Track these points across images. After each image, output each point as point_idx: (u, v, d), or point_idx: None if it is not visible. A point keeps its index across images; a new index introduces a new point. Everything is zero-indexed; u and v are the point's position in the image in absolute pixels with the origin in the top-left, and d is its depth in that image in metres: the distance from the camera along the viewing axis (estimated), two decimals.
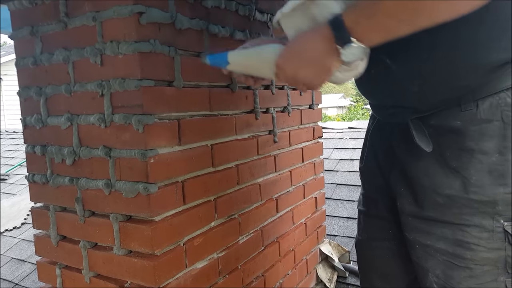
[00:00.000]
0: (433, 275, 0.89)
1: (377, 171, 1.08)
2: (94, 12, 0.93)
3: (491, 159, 0.78)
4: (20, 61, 1.11)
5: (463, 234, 0.83)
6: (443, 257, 0.87)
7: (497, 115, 0.77)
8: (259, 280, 1.35)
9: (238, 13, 1.25)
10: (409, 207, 0.92)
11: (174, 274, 0.99)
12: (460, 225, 0.83)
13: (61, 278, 1.10)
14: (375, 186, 1.10)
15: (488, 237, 0.81)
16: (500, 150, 0.78)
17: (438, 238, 0.87)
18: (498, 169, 0.78)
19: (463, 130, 0.80)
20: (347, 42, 0.69)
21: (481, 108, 0.78)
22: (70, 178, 1.04)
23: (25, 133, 1.14)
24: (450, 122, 0.82)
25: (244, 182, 1.28)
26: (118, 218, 0.96)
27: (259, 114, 1.35)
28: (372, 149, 1.11)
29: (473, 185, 0.80)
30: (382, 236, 1.10)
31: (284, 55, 0.80)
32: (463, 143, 0.80)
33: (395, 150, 0.97)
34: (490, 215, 0.80)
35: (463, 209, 0.82)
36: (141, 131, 0.90)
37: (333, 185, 2.59)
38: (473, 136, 0.79)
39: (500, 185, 0.78)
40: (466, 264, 0.84)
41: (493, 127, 0.78)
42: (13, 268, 2.65)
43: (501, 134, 0.77)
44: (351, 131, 3.47)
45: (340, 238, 2.12)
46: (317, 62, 0.75)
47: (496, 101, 0.77)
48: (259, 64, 0.89)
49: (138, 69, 0.89)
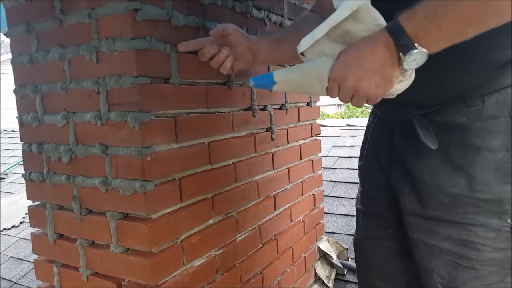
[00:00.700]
0: (437, 276, 0.88)
1: (378, 169, 1.06)
2: (90, 9, 0.93)
3: (497, 156, 0.76)
4: (15, 59, 1.10)
5: (468, 234, 0.81)
6: (448, 257, 0.85)
7: (504, 111, 0.76)
8: (257, 278, 1.35)
9: (235, 10, 1.24)
10: (413, 206, 0.90)
11: (172, 272, 0.98)
12: (465, 225, 0.81)
13: (59, 276, 1.09)
14: (375, 184, 1.09)
15: (494, 237, 0.79)
16: (507, 147, 0.76)
17: (443, 238, 0.85)
18: (505, 167, 0.76)
19: (468, 126, 0.78)
20: (410, 49, 0.65)
21: (488, 104, 0.77)
22: (67, 176, 1.04)
23: (22, 131, 1.14)
24: (455, 119, 0.80)
25: (241, 180, 1.27)
26: (115, 216, 0.96)
27: (257, 111, 1.35)
28: (372, 147, 1.09)
29: (479, 183, 0.78)
30: (381, 235, 1.09)
31: (341, 67, 0.74)
32: (469, 140, 0.79)
33: (397, 148, 0.96)
34: (496, 214, 0.78)
35: (468, 208, 0.80)
36: (137, 128, 0.90)
37: (331, 183, 2.60)
38: (479, 132, 0.77)
39: (507, 183, 0.76)
40: (472, 264, 0.82)
41: (500, 124, 0.76)
42: (12, 267, 2.65)
43: (508, 131, 0.75)
44: (349, 128, 3.47)
45: (338, 235, 2.12)
46: (378, 71, 0.71)
47: (503, 96, 0.76)
48: (309, 81, 0.83)
49: (134, 66, 0.89)
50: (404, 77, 0.74)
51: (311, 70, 0.81)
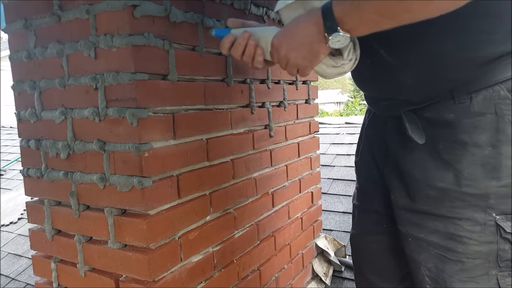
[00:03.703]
0: (425, 268, 0.90)
1: (372, 164, 1.08)
2: (88, 5, 0.93)
3: (484, 152, 0.78)
4: (14, 55, 1.10)
5: (455, 228, 0.83)
6: (436, 250, 0.87)
7: (490, 108, 0.77)
8: (255, 274, 1.36)
9: (233, 7, 1.24)
10: (402, 200, 0.93)
11: (169, 268, 0.99)
12: (453, 219, 0.83)
13: (56, 272, 1.10)
14: (370, 179, 1.10)
15: (480, 230, 0.81)
16: (493, 143, 0.77)
17: (431, 231, 0.87)
18: (491, 162, 0.78)
19: (456, 122, 0.80)
20: (334, 31, 0.73)
21: (475, 101, 0.78)
22: (65, 172, 1.04)
23: (20, 127, 1.14)
24: (443, 115, 0.82)
25: (239, 177, 1.28)
26: (112, 212, 0.96)
27: (255, 108, 1.35)
28: (367, 143, 1.11)
29: (465, 178, 0.80)
30: (376, 230, 1.10)
31: (279, 36, 0.84)
32: (456, 136, 0.80)
33: (388, 143, 0.98)
34: (482, 208, 0.80)
35: (456, 202, 0.82)
36: (135, 124, 0.90)
37: (329, 180, 2.60)
38: (466, 129, 0.79)
39: (493, 178, 0.78)
40: (458, 257, 0.84)
41: (486, 120, 0.77)
42: (10, 263, 2.66)
43: (494, 127, 0.77)
44: (348, 126, 3.47)
45: (336, 232, 2.12)
46: (307, 45, 0.79)
47: (490, 94, 0.77)
48: (264, 45, 0.91)
49: (131, 62, 0.89)
50: (337, 64, 0.83)
51: (265, 34, 0.89)
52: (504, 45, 0.76)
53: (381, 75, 0.89)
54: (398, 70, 0.84)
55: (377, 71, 0.89)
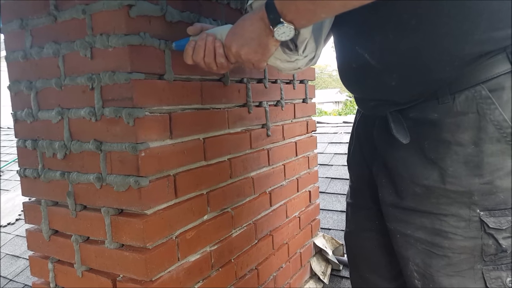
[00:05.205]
0: (413, 264, 0.92)
1: (363, 162, 1.10)
2: (84, 5, 0.93)
3: (466, 150, 0.80)
4: (10, 55, 1.10)
5: (441, 224, 0.85)
6: (422, 246, 0.89)
7: (472, 108, 0.79)
8: (253, 273, 1.36)
9: (230, 6, 1.24)
10: (390, 197, 0.95)
11: (166, 267, 0.99)
12: (438, 215, 0.85)
13: (54, 272, 1.10)
14: (361, 177, 1.13)
15: (464, 226, 0.83)
16: (475, 141, 0.79)
17: (417, 228, 0.89)
18: (473, 160, 0.80)
19: (440, 122, 0.82)
20: (277, 23, 0.76)
21: (457, 101, 0.80)
22: (62, 172, 1.04)
23: (16, 128, 1.13)
24: (428, 115, 0.84)
25: (237, 176, 1.28)
26: (109, 212, 0.96)
27: (252, 107, 1.35)
28: (358, 141, 1.14)
29: (449, 176, 0.82)
30: (369, 226, 1.13)
31: (229, 35, 0.87)
32: (440, 135, 0.82)
33: (376, 142, 1.00)
34: (466, 204, 0.82)
35: (441, 199, 0.84)
36: (131, 124, 0.90)
37: (327, 179, 2.60)
38: (450, 128, 0.81)
39: (476, 176, 0.80)
40: (444, 252, 0.85)
41: (468, 119, 0.79)
42: (8, 264, 2.65)
43: (476, 126, 0.79)
44: (346, 125, 3.47)
45: (334, 231, 2.13)
46: (256, 39, 0.82)
47: (472, 94, 0.79)
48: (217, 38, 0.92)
49: (128, 62, 0.89)
50: (291, 59, 0.88)
51: (223, 32, 0.91)
52: (485, 45, 0.77)
53: (366, 78, 0.91)
54: (382, 73, 0.86)
55: (362, 74, 0.91)
